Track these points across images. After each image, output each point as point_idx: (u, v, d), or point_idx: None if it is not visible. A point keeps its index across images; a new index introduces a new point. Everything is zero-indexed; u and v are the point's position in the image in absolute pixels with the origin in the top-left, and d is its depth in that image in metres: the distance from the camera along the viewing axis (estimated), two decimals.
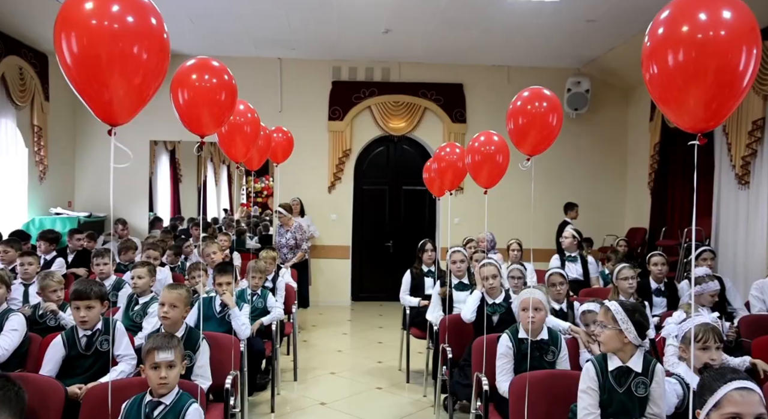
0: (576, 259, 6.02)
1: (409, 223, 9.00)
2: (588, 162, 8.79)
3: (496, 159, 3.34)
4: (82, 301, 2.92)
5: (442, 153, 4.20)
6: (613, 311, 2.46)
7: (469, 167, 3.49)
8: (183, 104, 2.46)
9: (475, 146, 3.45)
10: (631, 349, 2.43)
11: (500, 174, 3.38)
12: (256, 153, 4.22)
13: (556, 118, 2.81)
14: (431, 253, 5.24)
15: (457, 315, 3.89)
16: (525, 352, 3.00)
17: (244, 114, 3.26)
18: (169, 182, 12.55)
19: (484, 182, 3.42)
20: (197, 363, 2.97)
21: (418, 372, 5.17)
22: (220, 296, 3.85)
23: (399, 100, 8.62)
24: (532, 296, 3.03)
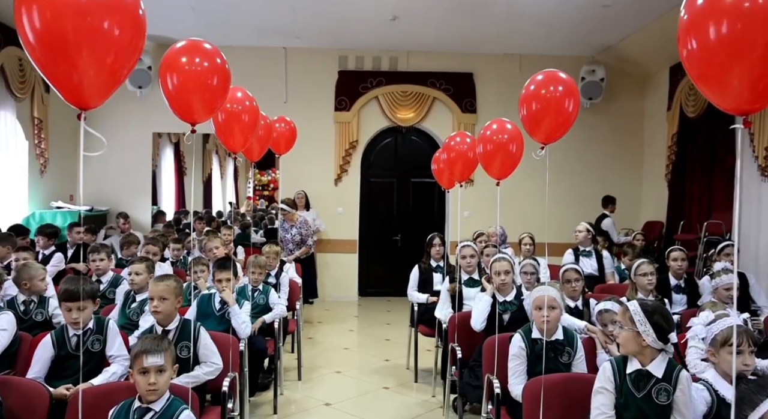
0: (590, 254, 5.82)
1: (418, 216, 8.80)
2: (602, 153, 8.54)
3: (509, 149, 3.14)
4: (73, 302, 2.76)
5: (452, 143, 3.99)
6: (631, 311, 2.28)
7: (480, 157, 3.29)
8: (172, 90, 2.28)
9: (486, 134, 3.25)
10: (652, 353, 2.26)
11: (513, 164, 3.18)
12: (257, 143, 4.03)
13: (572, 103, 2.60)
14: (439, 248, 5.05)
15: (467, 313, 3.70)
16: (539, 353, 2.81)
17: (242, 102, 3.07)
18: (174, 175, 12.42)
19: (496, 173, 3.22)
20: (201, 351, 2.87)
21: (426, 371, 4.99)
22: (219, 293, 3.69)
23: (407, 90, 8.40)
24: (545, 293, 2.83)
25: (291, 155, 8.41)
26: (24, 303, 3.61)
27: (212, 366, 2.86)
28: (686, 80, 7.29)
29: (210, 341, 2.92)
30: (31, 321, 3.57)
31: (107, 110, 8.41)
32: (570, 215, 8.21)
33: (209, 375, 2.86)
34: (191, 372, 2.79)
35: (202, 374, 2.82)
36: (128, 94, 8.01)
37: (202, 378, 2.82)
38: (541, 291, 2.86)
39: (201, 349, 2.87)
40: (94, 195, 8.32)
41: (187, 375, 2.74)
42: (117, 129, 8.30)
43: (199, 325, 2.91)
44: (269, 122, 4.18)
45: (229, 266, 3.68)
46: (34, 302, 3.65)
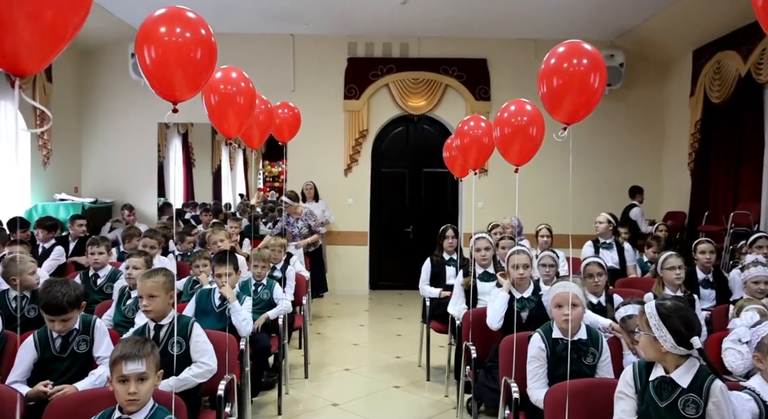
0: (611, 246, 5.54)
1: (430, 207, 8.56)
2: (621, 142, 8.23)
3: (529, 132, 2.88)
4: (57, 316, 2.52)
5: (466, 127, 3.73)
6: (647, 314, 2.05)
7: (497, 141, 3.04)
8: (150, 64, 2.05)
9: (504, 117, 2.99)
10: (675, 359, 2.01)
11: (534, 149, 2.93)
12: (257, 129, 3.80)
13: (598, 78, 2.32)
14: (452, 240, 4.82)
15: (482, 309, 3.47)
16: (560, 354, 2.57)
17: (237, 83, 2.83)
18: (182, 166, 12.26)
19: (515, 158, 2.96)
20: (192, 349, 2.67)
21: (439, 369, 4.77)
22: (218, 288, 3.48)
23: (418, 78, 8.15)
24: (567, 289, 2.59)
25: (299, 145, 8.24)
26: (16, 299, 3.43)
27: (202, 367, 2.64)
28: (711, 64, 6.97)
29: (204, 339, 2.71)
30: (24, 318, 3.40)
31: (110, 99, 8.32)
32: (587, 206, 7.93)
33: (200, 378, 2.64)
34: (180, 374, 2.58)
35: (191, 376, 2.60)
36: (132, 84, 7.83)
37: (191, 381, 2.60)
38: (562, 287, 2.62)
39: (192, 347, 2.66)
40: (99, 187, 8.19)
41: (176, 377, 2.54)
42: (121, 119, 8.15)
43: (194, 321, 2.70)
44: (271, 107, 3.94)
45: (230, 259, 3.47)
46: (26, 297, 3.48)
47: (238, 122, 2.83)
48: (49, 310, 2.50)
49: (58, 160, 7.58)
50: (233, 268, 3.51)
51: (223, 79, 2.81)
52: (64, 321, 2.51)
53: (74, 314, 2.54)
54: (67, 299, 2.49)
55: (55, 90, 7.45)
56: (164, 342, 2.60)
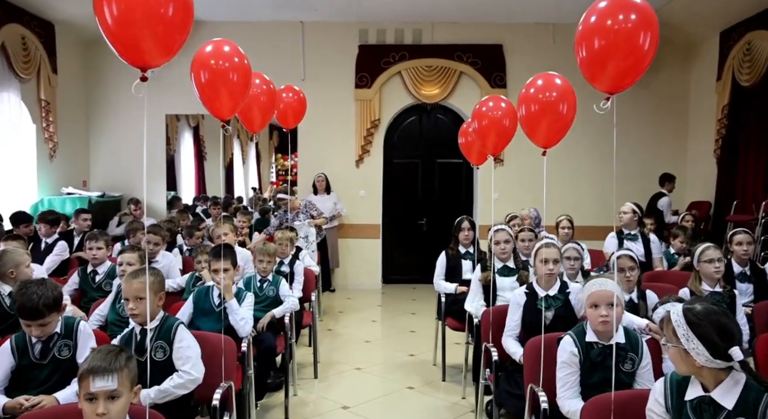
0: (636, 237, 5.24)
1: (444, 199, 8.29)
2: (643, 129, 7.89)
3: (559, 109, 2.60)
4: (33, 320, 2.28)
5: (484, 109, 3.43)
6: (673, 322, 1.72)
7: (522, 120, 2.75)
8: (112, 23, 1.76)
9: (530, 93, 2.70)
10: (713, 374, 1.68)
11: (564, 129, 2.64)
12: (258, 111, 3.54)
13: (649, 38, 1.99)
14: (468, 232, 4.56)
15: (503, 307, 3.22)
16: (595, 360, 2.32)
17: (230, 58, 2.56)
18: (194, 159, 12.11)
19: (542, 139, 2.68)
20: (175, 355, 2.42)
21: (455, 368, 4.53)
22: (216, 285, 3.26)
23: (432, 65, 7.86)
24: (604, 287, 2.33)
25: (309, 136, 8.03)
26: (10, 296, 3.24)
27: (183, 378, 2.38)
28: (740, 46, 6.62)
29: (190, 343, 2.45)
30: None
31: (116, 90, 8.14)
32: (607, 196, 7.66)
33: (181, 389, 2.38)
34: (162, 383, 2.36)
35: (171, 387, 2.35)
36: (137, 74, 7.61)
37: (171, 393, 2.35)
38: (599, 285, 2.36)
39: (175, 353, 2.41)
40: (107, 180, 8.03)
41: (156, 388, 2.32)
42: (128, 111, 7.96)
43: (180, 323, 2.46)
44: (273, 88, 3.68)
45: (228, 254, 3.25)
46: None
47: (231, 102, 2.57)
48: (25, 314, 2.26)
49: (65, 153, 7.43)
50: (231, 263, 3.28)
51: (213, 54, 2.56)
52: (42, 325, 2.27)
53: (53, 317, 2.30)
54: (43, 302, 2.24)
55: (61, 81, 7.29)
56: (152, 347, 2.38)
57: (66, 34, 7.36)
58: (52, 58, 7.10)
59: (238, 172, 14.26)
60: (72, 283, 3.96)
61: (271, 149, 16.48)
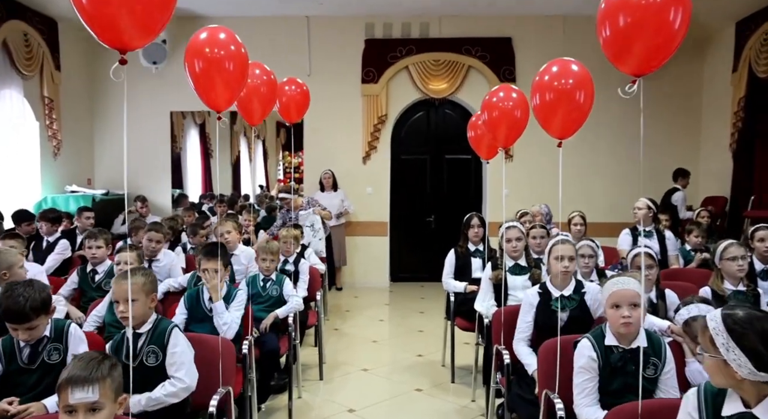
0: (651, 234, 5.09)
1: (453, 196, 8.15)
2: (655, 124, 7.70)
3: (576, 97, 2.45)
4: (20, 323, 2.16)
5: (494, 99, 3.27)
6: (711, 331, 1.55)
7: (537, 110, 2.60)
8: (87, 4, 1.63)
9: (545, 80, 2.55)
10: (756, 387, 1.50)
11: (581, 118, 2.49)
12: (258, 103, 3.42)
13: (680, 15, 1.84)
14: (478, 229, 4.42)
15: (515, 308, 3.08)
16: (615, 365, 2.18)
17: (225, 46, 2.42)
18: (200, 157, 12.02)
19: (557, 130, 2.53)
20: (168, 361, 2.29)
21: (464, 370, 4.40)
22: (206, 285, 3.13)
23: (440, 59, 7.72)
24: (626, 287, 2.19)
25: (316, 133, 7.91)
26: None
27: (176, 385, 2.25)
28: (757, 36, 6.43)
29: (183, 349, 2.31)
30: None
31: (120, 87, 8.04)
32: (619, 191, 7.50)
33: (172, 398, 2.25)
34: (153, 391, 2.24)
35: (162, 395, 2.23)
36: (143, 71, 7.56)
37: (162, 401, 2.23)
38: (621, 284, 2.21)
39: (168, 359, 2.28)
40: (111, 178, 7.96)
41: (147, 395, 2.21)
42: (132, 108, 7.87)
43: (174, 326, 2.34)
44: (273, 79, 3.54)
45: (219, 253, 3.12)
46: None
47: (227, 93, 2.44)
48: (11, 317, 2.14)
49: (70, 151, 7.36)
50: (222, 263, 3.14)
51: (208, 41, 2.42)
52: (30, 329, 2.16)
53: (41, 320, 2.19)
54: (30, 305, 2.13)
55: (64, 78, 7.22)
56: (143, 352, 2.27)
57: (69, 31, 7.28)
58: (55, 55, 7.02)
59: (245, 170, 14.17)
60: (71, 282, 3.87)
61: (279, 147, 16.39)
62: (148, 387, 2.21)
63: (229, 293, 3.15)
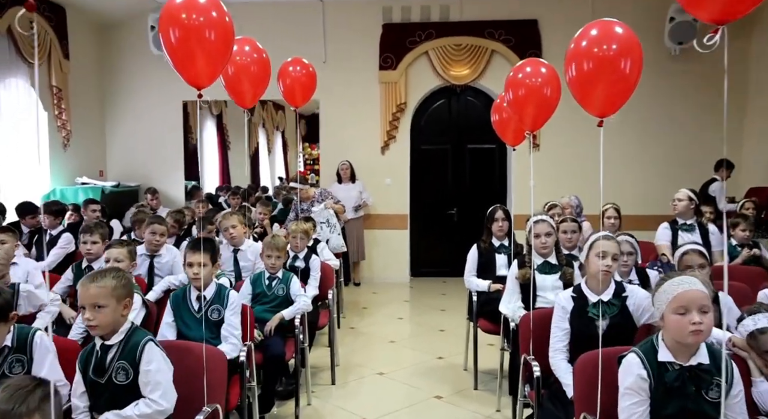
0: (693, 228, 4.67)
1: (476, 187, 7.78)
2: (693, 108, 7.23)
3: (620, 66, 2.09)
4: None
5: (520, 75, 2.89)
6: None
7: (572, 83, 2.23)
8: None
9: (581, 47, 2.16)
10: None
11: (628, 89, 2.11)
12: (248, 84, 3.11)
13: None
14: (502, 223, 4.06)
15: (547, 311, 2.74)
16: (671, 386, 1.82)
17: (206, 12, 2.09)
18: (217, 149, 11.83)
19: (598, 105, 2.17)
20: (142, 379, 1.98)
21: (488, 374, 4.07)
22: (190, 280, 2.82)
23: (461, 43, 7.33)
24: (695, 287, 1.83)
25: (332, 122, 7.61)
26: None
27: (151, 407, 1.95)
28: None
29: (159, 366, 2.00)
30: None
31: (131, 76, 7.83)
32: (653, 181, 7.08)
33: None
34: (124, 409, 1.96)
35: (135, 416, 1.94)
36: (153, 59, 7.31)
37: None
38: (687, 284, 1.84)
39: (141, 377, 1.98)
40: (123, 170, 7.76)
41: (116, 412, 1.93)
42: (142, 97, 7.67)
43: (149, 340, 2.04)
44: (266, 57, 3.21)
45: (208, 247, 2.82)
46: None
47: (209, 68, 2.13)
48: None
49: (80, 142, 7.17)
50: (209, 258, 2.84)
51: (185, 5, 2.09)
52: None
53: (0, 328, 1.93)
54: None
55: (73, 67, 7.00)
56: (112, 368, 1.98)
57: (78, 19, 7.06)
58: (63, 43, 6.80)
59: (264, 161, 13.96)
60: (65, 279, 3.61)
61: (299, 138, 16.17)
62: (119, 408, 1.92)
63: (220, 294, 2.84)
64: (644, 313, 2.46)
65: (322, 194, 6.28)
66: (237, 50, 2.99)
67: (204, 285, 2.84)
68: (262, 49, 3.20)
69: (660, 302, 1.86)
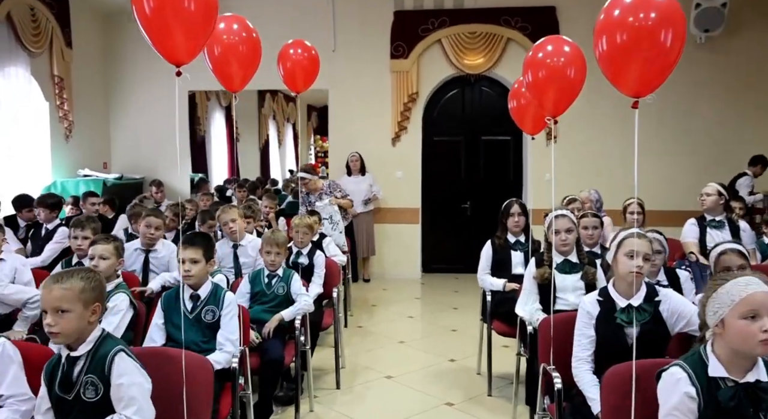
0: (722, 225, 4.39)
1: (490, 180, 7.51)
2: (719, 100, 6.90)
3: (660, 38, 1.81)
4: None
5: (540, 55, 2.58)
6: None
7: (602, 60, 1.95)
8: None
9: (614, 17, 1.87)
10: None
11: (669, 64, 1.84)
12: (237, 65, 2.87)
13: None
14: (519, 218, 3.79)
15: (568, 316, 2.48)
16: (726, 406, 1.56)
17: None
18: (226, 141, 11.66)
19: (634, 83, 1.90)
20: (114, 395, 1.76)
21: (503, 379, 3.83)
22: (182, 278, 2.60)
23: (476, 31, 7.05)
24: (761, 289, 1.57)
25: (341, 112, 7.37)
26: None
27: None
28: None
29: (133, 379, 1.77)
30: None
31: (136, 66, 7.64)
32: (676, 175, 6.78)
33: None
34: None
35: None
36: None
37: None
38: (755, 285, 1.57)
39: (113, 393, 1.75)
40: (127, 162, 7.59)
41: None
42: (147, 88, 7.47)
43: (118, 349, 1.79)
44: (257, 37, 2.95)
45: (201, 242, 2.61)
46: None
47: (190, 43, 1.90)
48: None
49: (84, 133, 7.00)
50: (202, 254, 2.61)
51: None
52: None
53: None
54: None
55: (76, 56, 6.83)
56: (80, 383, 1.76)
57: (82, 6, 6.88)
58: (65, 31, 6.62)
59: (274, 154, 13.78)
60: None
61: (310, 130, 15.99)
62: None
63: (215, 294, 2.62)
64: (679, 320, 2.20)
65: (331, 186, 6.05)
66: (224, 29, 2.76)
67: (197, 284, 2.62)
68: (252, 29, 2.96)
69: (721, 305, 1.59)
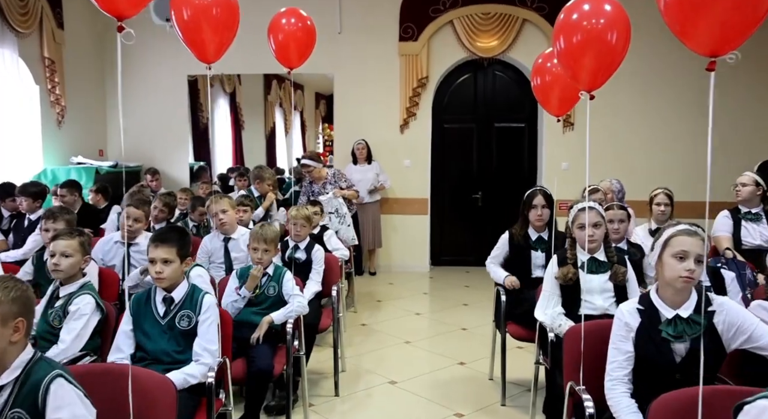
0: (759, 217, 4.02)
1: (503, 169, 7.14)
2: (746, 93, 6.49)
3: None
4: None
5: (574, 17, 2.10)
6: None
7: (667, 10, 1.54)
8: None
9: None
10: None
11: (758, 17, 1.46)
12: (209, 30, 2.52)
13: None
14: (542, 210, 3.38)
15: (597, 323, 2.13)
16: None
17: None
18: (230, 128, 11.34)
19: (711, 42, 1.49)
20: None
21: (518, 385, 3.49)
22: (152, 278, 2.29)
23: (489, 11, 6.66)
24: None
25: (347, 98, 7.02)
26: None
27: None
28: None
29: (75, 411, 1.44)
30: None
31: (132, 49, 7.30)
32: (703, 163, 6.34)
33: None
34: None
35: None
36: (155, 30, 6.74)
37: None
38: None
39: (49, 415, 1.43)
40: (125, 149, 7.27)
41: None
42: (145, 72, 7.14)
43: (54, 376, 1.45)
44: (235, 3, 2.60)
45: (174, 239, 2.28)
46: None
47: None
48: None
49: (77, 119, 6.69)
50: (176, 252, 2.28)
51: None
52: None
53: None
54: None
55: (69, 38, 6.51)
56: (7, 410, 1.43)
57: None
58: (56, 12, 6.30)
59: (281, 142, 13.47)
60: (24, 273, 3.13)
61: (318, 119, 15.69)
62: None
63: (192, 298, 2.29)
64: (738, 335, 1.83)
65: (336, 175, 5.71)
66: None
67: (171, 286, 2.30)
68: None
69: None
